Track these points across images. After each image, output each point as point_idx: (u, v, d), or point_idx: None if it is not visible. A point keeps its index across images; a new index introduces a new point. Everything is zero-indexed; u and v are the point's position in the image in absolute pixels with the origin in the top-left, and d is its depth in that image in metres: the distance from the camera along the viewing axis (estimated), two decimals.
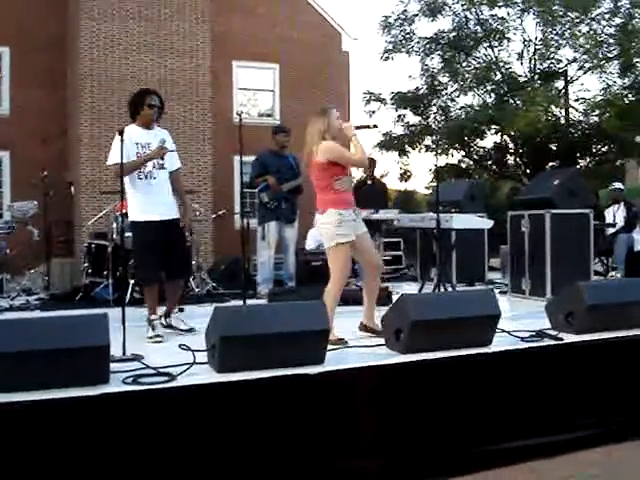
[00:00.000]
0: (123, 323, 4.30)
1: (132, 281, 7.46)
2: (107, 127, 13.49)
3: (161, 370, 3.74)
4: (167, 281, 5.57)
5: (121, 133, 4.75)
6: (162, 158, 5.39)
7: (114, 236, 7.76)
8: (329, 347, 4.09)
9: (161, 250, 5.33)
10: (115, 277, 7.52)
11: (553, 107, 17.48)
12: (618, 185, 9.80)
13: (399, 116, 20.08)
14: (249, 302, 6.15)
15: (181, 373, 3.69)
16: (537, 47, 18.71)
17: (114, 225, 7.85)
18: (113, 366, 3.65)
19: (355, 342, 4.72)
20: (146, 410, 3.36)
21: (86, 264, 8.21)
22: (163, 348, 4.75)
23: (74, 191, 13.72)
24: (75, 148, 14.36)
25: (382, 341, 4.53)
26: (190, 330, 5.42)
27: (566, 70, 18.79)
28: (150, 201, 5.34)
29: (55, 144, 15.43)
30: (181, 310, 5.79)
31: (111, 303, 7.12)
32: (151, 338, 5.18)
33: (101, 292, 7.73)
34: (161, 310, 5.49)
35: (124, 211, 5.78)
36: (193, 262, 8.67)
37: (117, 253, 7.55)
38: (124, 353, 4.15)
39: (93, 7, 13.78)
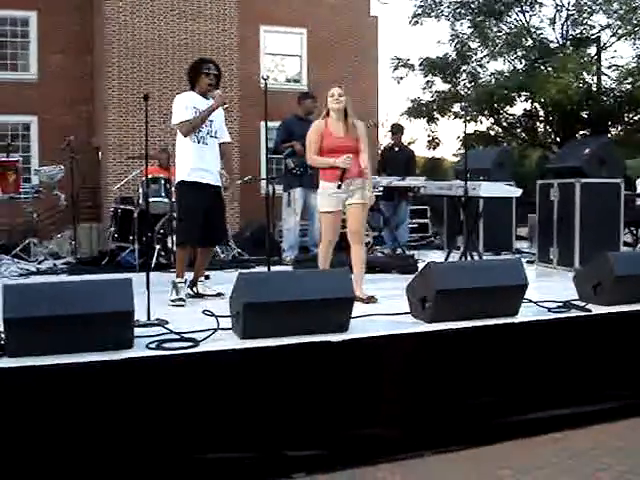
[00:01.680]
0: (148, 288, 4.31)
1: (158, 246, 7.49)
2: (134, 92, 13.52)
3: (185, 335, 3.74)
4: (201, 247, 5.63)
5: (146, 98, 4.71)
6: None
7: (140, 201, 7.78)
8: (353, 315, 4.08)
9: (203, 214, 5.38)
10: (141, 242, 7.55)
11: (585, 74, 17.17)
12: None
13: (427, 82, 19.88)
14: (274, 268, 6.15)
15: (205, 339, 3.69)
16: (570, 12, 18.40)
17: (140, 190, 7.87)
18: (137, 331, 3.65)
19: (380, 311, 4.68)
20: (169, 375, 3.38)
21: (112, 229, 8.27)
22: (187, 313, 4.76)
23: (101, 156, 13.78)
24: (102, 113, 14.38)
25: (407, 309, 4.49)
26: (218, 295, 5.44)
27: (599, 36, 18.47)
28: (200, 165, 5.40)
29: (82, 109, 15.48)
30: (207, 277, 5.81)
31: (136, 268, 7.16)
32: (173, 301, 5.19)
33: (127, 257, 7.78)
34: (188, 276, 5.51)
35: (150, 176, 5.78)
36: None
37: (143, 218, 7.57)
38: (149, 318, 4.16)
39: None
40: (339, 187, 5.19)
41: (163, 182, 7.73)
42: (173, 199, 7.57)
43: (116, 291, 3.50)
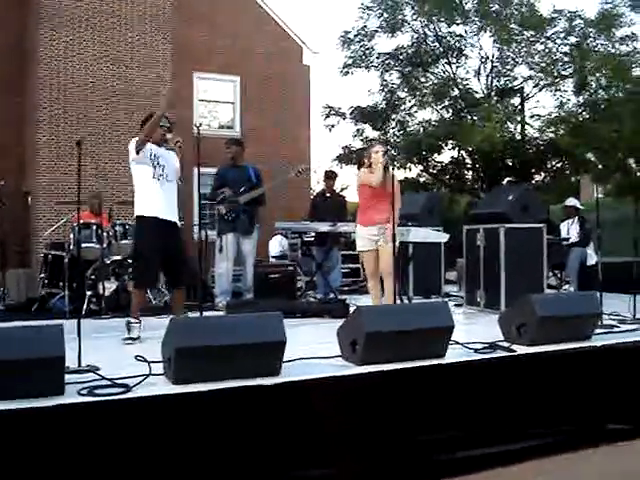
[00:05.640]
0: (79, 334, 4.28)
1: (89, 292, 7.41)
2: (66, 137, 13.42)
3: (117, 381, 3.73)
4: (172, 290, 5.85)
5: (79, 144, 4.74)
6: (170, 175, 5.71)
7: (71, 247, 7.71)
8: None
9: (161, 253, 5.54)
10: (71, 288, 7.46)
11: (509, 123, 17.76)
12: (568, 202, 9.98)
13: (358, 130, 20.23)
14: (206, 314, 6.15)
15: (137, 384, 3.69)
16: (494, 64, 19.04)
17: (71, 235, 7.80)
18: (68, 377, 3.62)
19: (312, 354, 4.74)
20: (101, 421, 3.36)
21: (42, 275, 8.15)
22: (120, 359, 4.73)
23: (31, 201, 13.57)
24: (33, 157, 14.20)
25: (339, 352, 4.57)
26: None
27: (522, 87, 19.15)
28: (159, 201, 5.61)
29: (13, 153, 15.24)
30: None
31: (67, 314, 7.06)
32: (124, 340, 5.40)
33: (57, 303, 7.67)
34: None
35: (82, 221, 5.79)
36: None
37: (74, 264, 7.50)
38: (79, 364, 4.13)
39: (53, 16, 13.69)
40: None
41: (95, 228, 7.69)
42: (104, 245, 7.55)
43: (46, 337, 3.48)
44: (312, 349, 4.99)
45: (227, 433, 3.60)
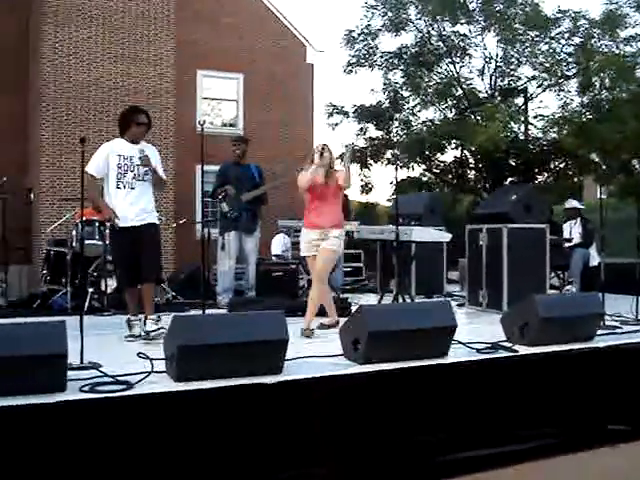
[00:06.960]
0: (81, 331, 4.29)
1: (91, 289, 7.41)
2: (69, 133, 13.40)
3: (119, 378, 3.74)
4: (142, 286, 5.77)
5: (82, 141, 4.74)
6: (146, 172, 5.66)
7: (73, 243, 7.71)
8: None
9: (129, 257, 5.58)
10: (74, 285, 7.46)
11: (512, 123, 17.72)
12: (568, 204, 9.92)
13: (361, 129, 20.21)
14: (208, 312, 6.15)
15: (139, 382, 3.70)
16: (498, 64, 19.00)
17: (74, 232, 7.80)
18: (70, 374, 3.64)
19: (313, 352, 4.74)
20: (103, 418, 3.36)
21: (44, 271, 8.15)
22: (122, 356, 4.74)
23: (33, 197, 13.56)
24: (36, 154, 14.19)
25: (341, 351, 4.57)
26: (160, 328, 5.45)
27: (526, 87, 19.11)
28: (125, 209, 5.57)
29: (15, 149, 15.24)
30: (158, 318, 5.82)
31: (69, 311, 7.06)
32: (126, 337, 5.52)
33: (59, 300, 7.66)
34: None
35: (84, 218, 5.80)
36: None
37: (76, 261, 7.49)
38: (82, 361, 4.14)
39: (57, 12, 13.67)
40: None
41: (97, 225, 7.69)
42: (107, 242, 7.56)
43: (49, 333, 3.49)
44: (314, 347, 5.00)
45: (229, 431, 3.60)
